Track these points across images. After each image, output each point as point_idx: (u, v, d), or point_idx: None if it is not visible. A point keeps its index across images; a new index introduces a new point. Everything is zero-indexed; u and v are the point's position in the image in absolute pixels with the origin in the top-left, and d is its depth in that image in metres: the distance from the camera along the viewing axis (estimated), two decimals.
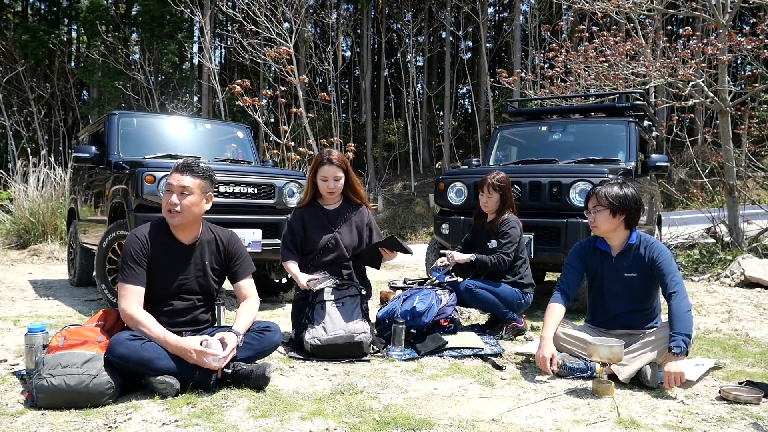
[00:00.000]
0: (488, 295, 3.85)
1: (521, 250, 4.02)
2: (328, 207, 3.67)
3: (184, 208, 2.76)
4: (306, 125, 11.38)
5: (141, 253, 2.75)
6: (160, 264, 2.79)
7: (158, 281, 2.78)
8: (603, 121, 6.09)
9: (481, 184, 4.07)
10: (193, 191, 2.79)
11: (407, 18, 25.15)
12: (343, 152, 10.49)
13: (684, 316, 2.76)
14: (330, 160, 3.55)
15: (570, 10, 12.82)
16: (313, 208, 3.66)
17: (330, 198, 3.63)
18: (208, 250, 2.91)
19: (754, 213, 8.25)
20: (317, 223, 3.61)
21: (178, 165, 2.85)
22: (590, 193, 3.13)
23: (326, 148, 3.79)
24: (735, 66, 21.02)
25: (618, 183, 3.08)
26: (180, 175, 2.80)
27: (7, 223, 10.72)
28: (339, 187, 3.59)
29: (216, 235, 2.96)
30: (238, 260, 2.99)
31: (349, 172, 3.64)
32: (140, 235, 2.79)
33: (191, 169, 2.82)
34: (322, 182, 3.57)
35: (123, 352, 2.50)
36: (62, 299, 5.47)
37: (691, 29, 8.87)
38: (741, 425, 2.34)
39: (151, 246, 2.78)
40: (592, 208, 3.07)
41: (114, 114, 5.63)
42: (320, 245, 3.59)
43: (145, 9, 23.00)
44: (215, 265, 2.93)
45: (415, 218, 19.80)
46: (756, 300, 5.31)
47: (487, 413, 2.40)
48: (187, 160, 2.95)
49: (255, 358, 2.80)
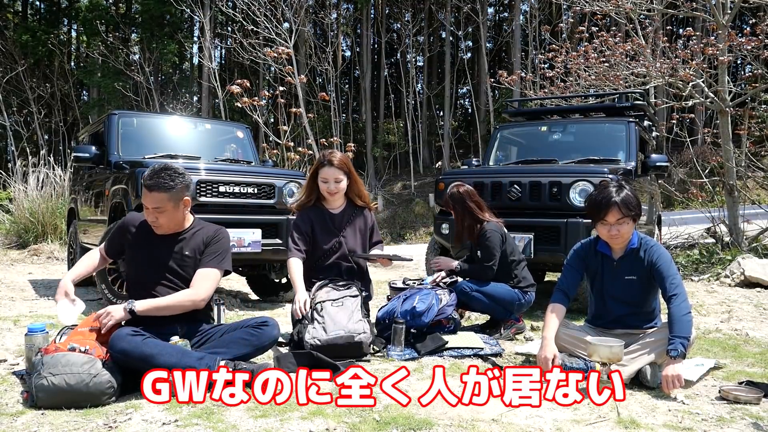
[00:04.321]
0: (482, 299, 3.84)
1: (512, 253, 3.98)
2: (332, 210, 3.63)
3: (162, 223, 2.82)
4: (306, 125, 11.38)
5: (121, 231, 2.94)
6: (140, 247, 2.87)
7: (136, 263, 2.88)
8: (603, 121, 6.10)
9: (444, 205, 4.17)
10: (166, 207, 2.77)
11: (407, 18, 25.13)
12: (342, 152, 10.53)
13: (683, 319, 2.76)
14: (330, 162, 3.49)
15: (570, 11, 12.80)
16: (318, 210, 3.63)
17: (333, 200, 3.59)
18: (193, 243, 2.89)
19: (754, 213, 8.25)
20: (322, 226, 3.59)
21: (146, 180, 2.74)
22: (607, 205, 2.91)
23: (328, 149, 3.74)
24: (735, 66, 21.03)
25: (622, 187, 3.00)
26: (149, 194, 2.74)
27: (7, 223, 10.72)
28: (340, 188, 3.54)
29: (205, 230, 2.96)
30: (210, 249, 2.89)
31: (352, 174, 3.58)
32: (130, 218, 2.97)
33: (158, 185, 2.72)
34: (323, 184, 3.54)
35: (124, 347, 2.50)
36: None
37: (691, 29, 8.87)
38: (741, 425, 2.34)
39: (135, 230, 2.90)
40: (616, 222, 2.91)
41: (114, 114, 5.63)
42: (324, 248, 3.57)
43: (145, 9, 22.97)
44: (199, 257, 2.89)
45: (415, 218, 19.79)
46: (756, 300, 5.31)
47: (487, 413, 2.40)
48: (153, 170, 2.78)
49: (253, 355, 2.80)
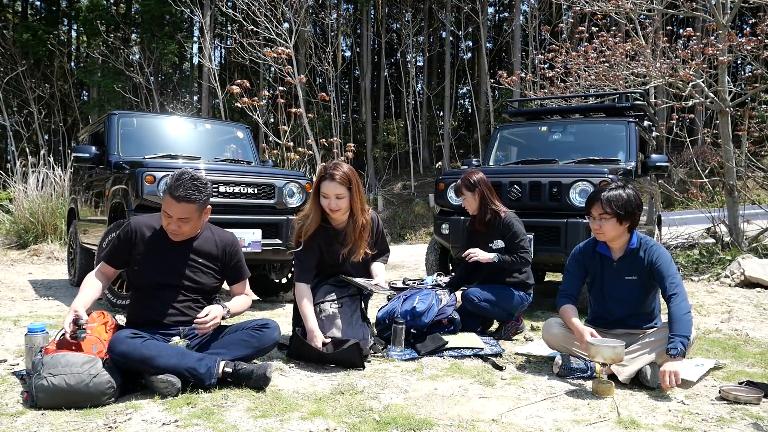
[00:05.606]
0: (489, 307, 3.82)
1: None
2: (336, 226, 3.32)
3: (184, 231, 2.82)
4: (306, 125, 11.38)
5: (126, 239, 2.85)
6: (148, 254, 2.83)
7: (144, 270, 2.82)
8: (603, 121, 6.09)
9: (455, 190, 4.11)
10: (192, 217, 2.77)
11: (407, 18, 25.12)
12: (342, 152, 10.52)
13: (683, 318, 2.77)
14: (332, 176, 3.14)
15: (570, 11, 12.81)
16: (321, 228, 3.31)
17: (335, 216, 3.26)
18: (202, 248, 2.90)
19: (754, 213, 8.25)
20: (327, 245, 3.33)
21: (174, 190, 2.69)
22: (593, 199, 3.01)
23: (332, 160, 3.43)
24: (735, 66, 21.03)
25: (620, 187, 3.02)
26: (176, 204, 2.70)
27: (7, 223, 10.72)
28: (341, 206, 3.20)
29: (215, 236, 2.96)
30: (237, 265, 3.01)
31: (354, 190, 3.22)
32: (135, 224, 2.88)
33: (188, 197, 2.69)
34: (323, 199, 3.21)
35: (123, 350, 2.51)
36: (62, 299, 5.47)
37: (691, 29, 8.87)
38: (741, 425, 2.34)
39: (141, 236, 2.84)
40: (598, 216, 2.98)
41: (114, 114, 5.63)
42: (329, 263, 3.37)
43: (145, 9, 22.95)
44: (209, 263, 2.91)
45: (415, 218, 19.78)
46: (756, 300, 5.31)
47: (487, 413, 2.40)
48: (180, 180, 2.72)
49: (254, 356, 2.81)
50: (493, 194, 4.01)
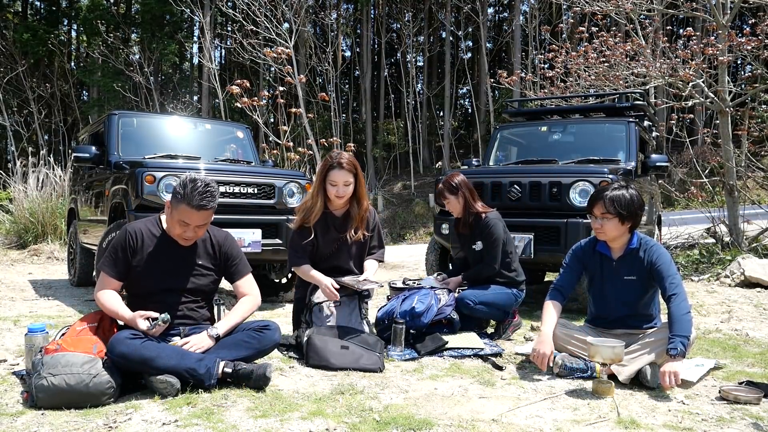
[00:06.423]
0: (485, 309, 3.85)
1: (507, 243, 4.00)
2: (335, 211, 3.50)
3: (199, 236, 2.84)
4: (306, 125, 11.38)
5: (127, 248, 2.79)
6: (150, 260, 2.81)
7: (147, 277, 2.80)
8: (603, 122, 6.09)
9: (437, 194, 4.14)
10: (208, 222, 2.83)
11: (407, 18, 25.13)
12: (347, 152, 10.52)
13: (683, 318, 2.77)
14: (340, 164, 3.35)
15: (570, 11, 12.80)
16: (321, 214, 3.47)
17: (338, 202, 3.46)
18: (202, 250, 2.91)
19: (754, 213, 8.24)
20: (324, 229, 3.47)
21: (191, 200, 2.69)
22: (596, 198, 3.01)
23: (335, 150, 3.60)
24: (735, 66, 21.03)
25: (623, 187, 3.02)
26: (197, 212, 2.71)
27: (7, 223, 10.72)
28: (348, 192, 3.40)
29: (211, 236, 2.96)
30: (234, 261, 3.00)
31: (359, 177, 3.44)
32: (132, 231, 2.83)
33: (208, 205, 2.73)
34: (332, 187, 3.38)
35: (123, 351, 2.51)
36: (62, 299, 5.47)
37: (691, 29, 8.87)
38: (741, 425, 2.34)
39: (141, 243, 2.82)
40: (600, 215, 2.97)
41: (114, 114, 5.63)
42: (325, 252, 3.49)
43: (145, 9, 22.98)
44: (209, 264, 2.93)
45: (415, 218, 19.79)
46: (756, 300, 5.31)
47: (487, 413, 2.40)
48: (196, 188, 2.72)
49: (254, 357, 2.81)
50: (474, 196, 4.02)
